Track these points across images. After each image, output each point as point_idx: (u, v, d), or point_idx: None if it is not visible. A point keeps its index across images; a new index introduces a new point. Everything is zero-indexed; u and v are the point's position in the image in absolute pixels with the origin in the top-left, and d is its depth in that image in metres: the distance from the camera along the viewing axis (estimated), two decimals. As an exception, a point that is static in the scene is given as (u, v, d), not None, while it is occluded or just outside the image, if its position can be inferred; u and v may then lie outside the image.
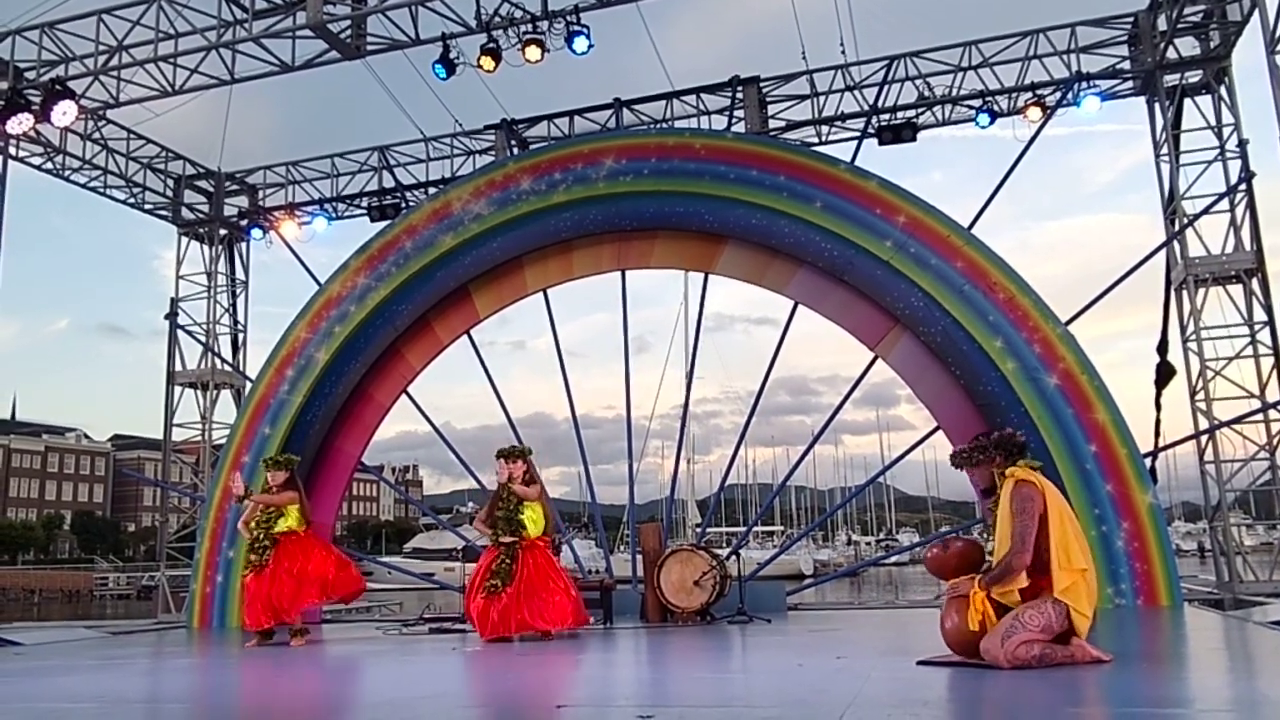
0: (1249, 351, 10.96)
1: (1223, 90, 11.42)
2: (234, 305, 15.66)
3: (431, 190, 13.23)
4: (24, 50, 11.26)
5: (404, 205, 13.82)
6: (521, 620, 7.00)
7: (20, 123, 10.68)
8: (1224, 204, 11.00)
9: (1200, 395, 11.03)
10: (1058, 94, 11.85)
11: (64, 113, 10.63)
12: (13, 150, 12.76)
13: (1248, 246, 11.01)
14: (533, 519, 7.27)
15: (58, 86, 10.58)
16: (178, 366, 14.81)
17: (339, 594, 8.07)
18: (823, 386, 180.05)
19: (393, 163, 14.59)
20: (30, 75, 11.36)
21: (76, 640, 9.52)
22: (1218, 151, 11.38)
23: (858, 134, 12.03)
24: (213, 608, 9.86)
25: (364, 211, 14.61)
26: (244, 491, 7.97)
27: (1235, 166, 11.21)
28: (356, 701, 4.80)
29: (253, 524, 7.89)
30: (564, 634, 7.18)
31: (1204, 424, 10.89)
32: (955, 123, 13.08)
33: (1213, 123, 11.46)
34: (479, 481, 10.62)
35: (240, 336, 15.73)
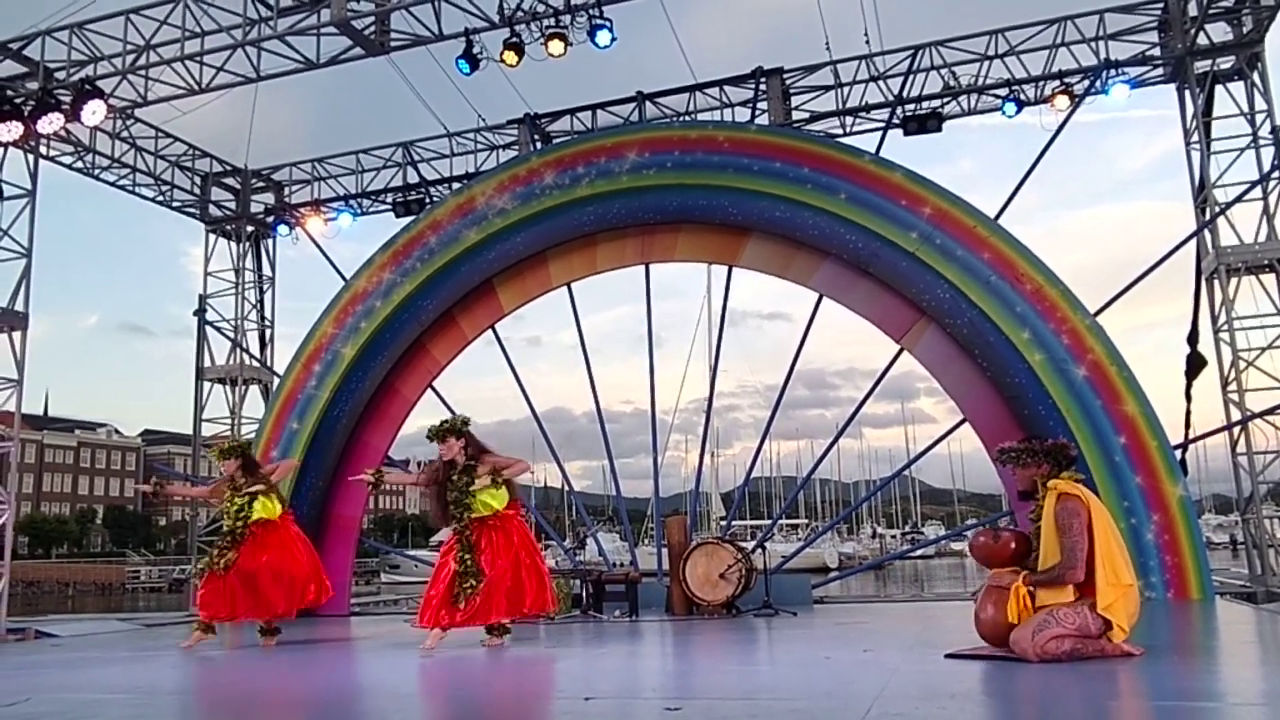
0: (1282, 342, 10.78)
1: (1255, 76, 11.21)
2: (261, 301, 15.79)
3: (455, 185, 13.24)
4: (54, 51, 11.38)
5: (428, 201, 13.86)
6: (497, 606, 6.28)
7: (51, 122, 10.81)
8: (1256, 192, 10.82)
9: (1232, 386, 10.86)
10: (1085, 82, 11.69)
11: (93, 112, 10.74)
12: (44, 149, 12.92)
13: (1280, 235, 10.83)
14: (485, 501, 6.48)
15: (87, 86, 10.69)
16: (206, 362, 14.97)
17: (307, 600, 7.22)
18: (840, 380, 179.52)
19: (417, 158, 14.64)
20: (60, 75, 11.50)
21: (110, 632, 9.69)
22: (1250, 139, 11.17)
23: (883, 125, 11.94)
24: (243, 600, 9.97)
25: (389, 207, 14.66)
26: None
27: (1268, 154, 11.01)
28: (384, 692, 4.84)
29: (227, 511, 7.27)
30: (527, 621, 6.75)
31: (1236, 415, 10.73)
32: (982, 112, 12.93)
33: (1245, 110, 11.26)
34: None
35: (268, 332, 15.85)
